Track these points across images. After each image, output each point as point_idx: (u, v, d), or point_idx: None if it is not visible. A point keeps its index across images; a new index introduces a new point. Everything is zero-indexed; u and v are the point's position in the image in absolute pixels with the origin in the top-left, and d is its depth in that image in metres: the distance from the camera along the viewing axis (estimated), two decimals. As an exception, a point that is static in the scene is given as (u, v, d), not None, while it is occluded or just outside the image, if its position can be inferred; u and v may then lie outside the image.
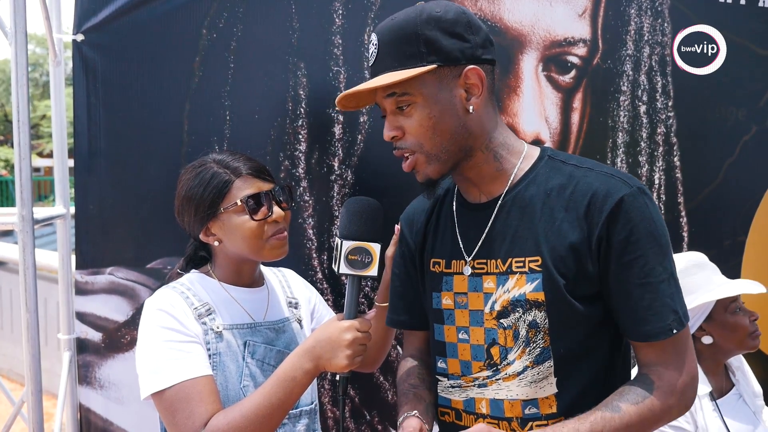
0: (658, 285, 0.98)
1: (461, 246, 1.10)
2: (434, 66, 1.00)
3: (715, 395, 1.55)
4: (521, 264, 1.03)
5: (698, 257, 1.60)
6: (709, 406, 1.52)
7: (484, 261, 1.07)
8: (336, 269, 1.09)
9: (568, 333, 1.02)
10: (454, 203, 1.15)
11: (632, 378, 1.05)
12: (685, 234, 1.84)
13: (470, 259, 1.08)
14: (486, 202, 1.09)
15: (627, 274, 0.98)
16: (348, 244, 1.07)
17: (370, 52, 1.05)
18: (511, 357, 1.04)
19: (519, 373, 1.04)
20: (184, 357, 1.12)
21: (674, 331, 0.98)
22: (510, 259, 1.04)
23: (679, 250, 1.84)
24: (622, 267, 0.98)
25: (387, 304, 1.33)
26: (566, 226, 1.00)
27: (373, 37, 1.04)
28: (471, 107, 1.02)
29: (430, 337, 1.18)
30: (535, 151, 1.10)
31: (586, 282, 1.01)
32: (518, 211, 1.05)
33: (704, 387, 1.52)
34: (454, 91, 1.02)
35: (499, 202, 1.06)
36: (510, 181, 1.07)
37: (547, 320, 1.01)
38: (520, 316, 1.03)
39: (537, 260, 1.01)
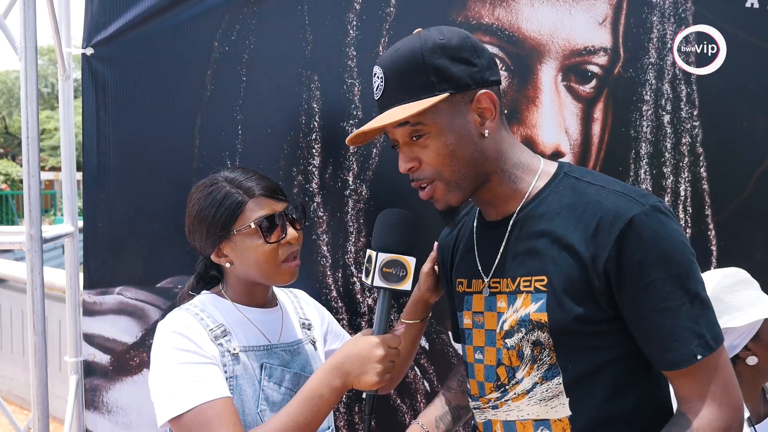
0: (679, 309, 0.90)
1: (479, 265, 1.09)
2: (446, 95, 0.97)
3: (753, 421, 1.48)
4: (528, 283, 1.00)
5: (743, 273, 1.53)
6: None
7: (498, 280, 1.05)
8: (369, 282, 1.05)
9: (574, 352, 0.97)
10: (475, 222, 1.14)
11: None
12: (713, 248, 1.77)
13: (488, 278, 1.07)
14: (500, 220, 1.07)
15: (644, 299, 0.91)
16: (383, 257, 1.03)
17: (375, 85, 1.03)
18: (519, 375, 1.01)
19: (528, 391, 1.00)
20: (202, 379, 1.07)
21: (698, 357, 0.89)
22: (519, 278, 1.01)
23: (707, 265, 1.77)
24: (638, 292, 0.92)
25: (414, 321, 1.33)
26: (575, 246, 0.95)
27: (377, 70, 1.01)
28: (486, 131, 1.01)
29: None
30: (552, 167, 1.06)
31: (594, 306, 0.95)
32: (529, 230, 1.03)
33: None
34: (467, 117, 1.00)
35: (512, 220, 1.04)
36: (524, 200, 1.04)
37: (551, 339, 0.97)
38: (524, 336, 0.99)
39: (543, 280, 0.98)
